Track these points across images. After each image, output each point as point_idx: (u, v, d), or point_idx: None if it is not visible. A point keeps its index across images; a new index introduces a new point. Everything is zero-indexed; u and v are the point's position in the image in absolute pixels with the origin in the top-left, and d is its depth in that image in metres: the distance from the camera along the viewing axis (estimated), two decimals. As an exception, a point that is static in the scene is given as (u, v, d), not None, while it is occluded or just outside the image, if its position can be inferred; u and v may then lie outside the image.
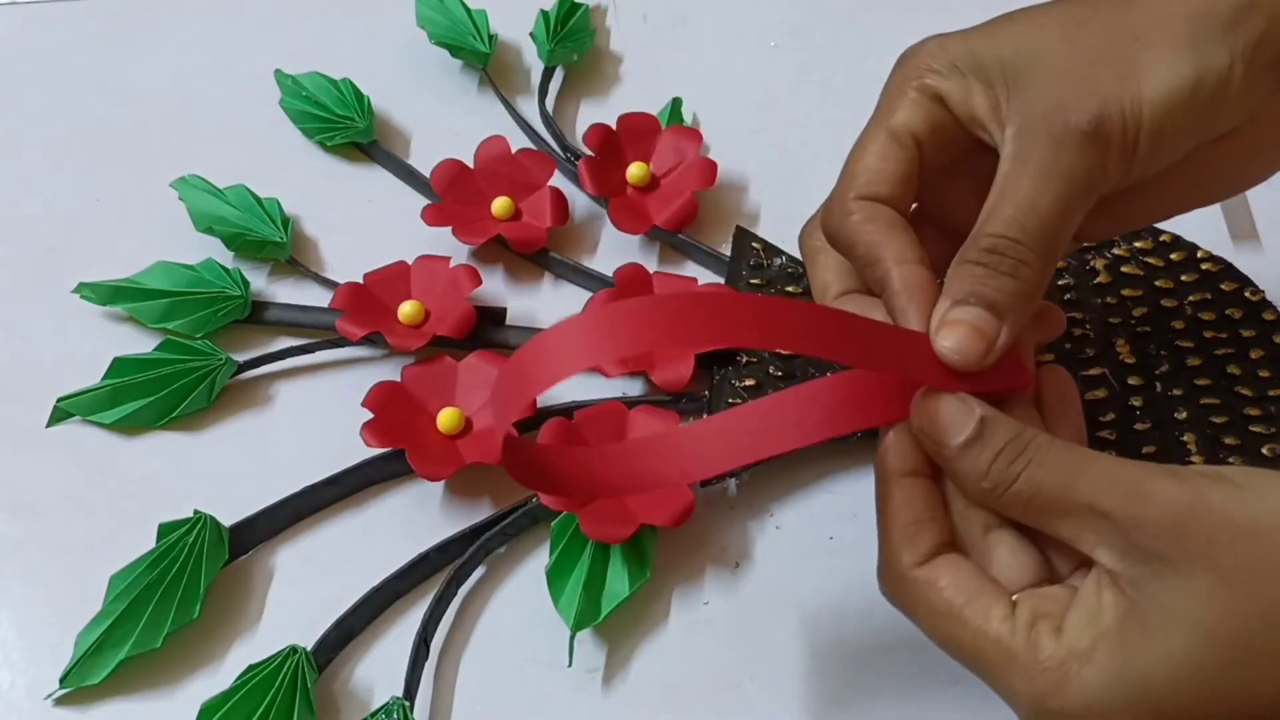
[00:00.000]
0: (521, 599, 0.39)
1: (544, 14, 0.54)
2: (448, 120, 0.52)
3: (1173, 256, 0.44)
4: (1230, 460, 0.39)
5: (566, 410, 0.42)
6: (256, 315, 0.45)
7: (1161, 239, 0.45)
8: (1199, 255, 0.44)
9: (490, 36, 0.54)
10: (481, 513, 0.41)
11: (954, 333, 0.29)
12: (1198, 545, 0.26)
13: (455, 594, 0.39)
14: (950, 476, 0.30)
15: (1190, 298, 0.43)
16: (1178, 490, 0.27)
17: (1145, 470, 0.27)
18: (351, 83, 0.52)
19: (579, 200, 0.49)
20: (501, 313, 0.45)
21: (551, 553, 0.38)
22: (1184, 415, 0.41)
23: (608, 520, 0.38)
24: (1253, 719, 0.27)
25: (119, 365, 0.43)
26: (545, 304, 0.46)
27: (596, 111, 0.53)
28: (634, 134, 0.50)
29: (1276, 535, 0.26)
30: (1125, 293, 0.44)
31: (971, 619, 0.28)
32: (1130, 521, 0.27)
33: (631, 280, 0.45)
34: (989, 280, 0.30)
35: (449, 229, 0.47)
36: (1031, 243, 0.30)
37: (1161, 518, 0.26)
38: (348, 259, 0.48)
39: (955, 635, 0.29)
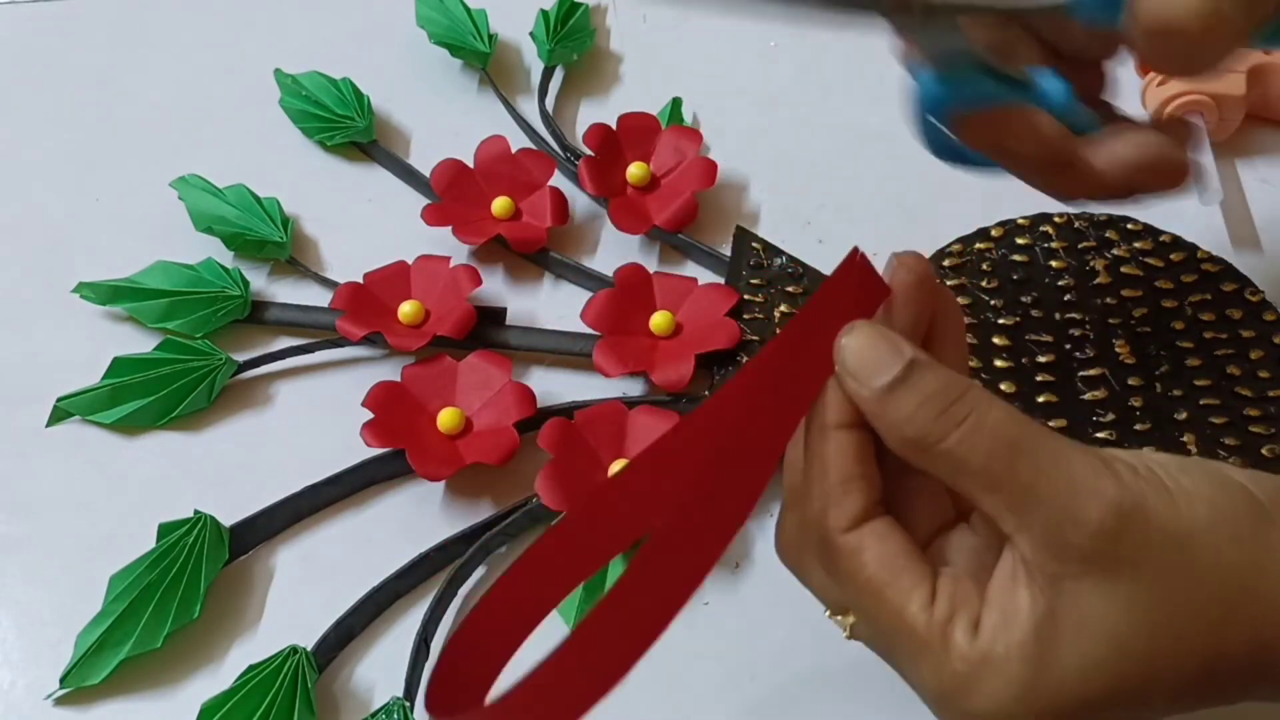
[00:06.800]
0: (521, 599, 0.39)
1: (544, 14, 0.54)
2: (448, 120, 0.52)
3: (1173, 257, 0.44)
4: (1231, 461, 0.39)
5: (566, 410, 0.42)
6: (256, 315, 0.45)
7: (1161, 239, 0.45)
8: (1199, 255, 0.44)
9: (490, 36, 0.54)
10: (482, 513, 0.41)
11: None
12: (1128, 553, 0.25)
13: (455, 594, 0.39)
14: (873, 423, 0.28)
15: (1190, 298, 0.43)
16: (1119, 493, 0.26)
17: (1088, 460, 0.26)
18: (351, 82, 0.52)
19: (579, 200, 0.49)
20: (501, 313, 0.45)
21: (551, 553, 0.38)
22: (1184, 416, 0.41)
23: (608, 520, 0.38)
24: None
25: (119, 365, 0.43)
26: (545, 304, 0.46)
27: (596, 111, 0.53)
28: (634, 134, 0.50)
29: (1197, 546, 0.26)
30: (1125, 293, 0.44)
31: (891, 600, 0.27)
32: (1068, 517, 0.25)
33: (631, 280, 0.45)
34: None
35: (449, 229, 0.47)
36: None
37: (1103, 520, 0.25)
38: (348, 259, 0.48)
39: (873, 611, 0.28)
